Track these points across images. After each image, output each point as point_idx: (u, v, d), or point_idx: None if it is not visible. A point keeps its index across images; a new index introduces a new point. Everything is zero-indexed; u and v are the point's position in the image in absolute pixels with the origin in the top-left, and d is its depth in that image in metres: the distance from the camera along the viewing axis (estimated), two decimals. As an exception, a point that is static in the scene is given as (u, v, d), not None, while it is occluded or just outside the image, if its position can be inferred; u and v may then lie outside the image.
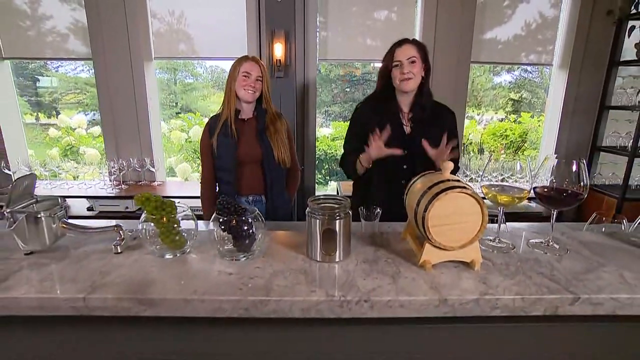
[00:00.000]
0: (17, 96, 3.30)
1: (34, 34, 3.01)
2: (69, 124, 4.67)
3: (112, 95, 3.07)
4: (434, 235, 0.87)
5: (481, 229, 0.88)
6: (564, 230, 1.17)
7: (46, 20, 2.99)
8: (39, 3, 2.97)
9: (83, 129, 4.67)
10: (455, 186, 0.85)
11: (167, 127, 4.51)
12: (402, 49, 1.44)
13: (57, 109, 4.89)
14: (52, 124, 4.85)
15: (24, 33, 3.01)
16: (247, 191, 1.73)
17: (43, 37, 3.03)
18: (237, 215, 0.92)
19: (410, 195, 0.99)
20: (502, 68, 4.80)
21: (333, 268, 0.90)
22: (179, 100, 5.23)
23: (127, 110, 3.11)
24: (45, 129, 4.84)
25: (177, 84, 5.20)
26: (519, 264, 0.93)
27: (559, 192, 0.96)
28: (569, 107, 3.16)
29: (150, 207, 0.92)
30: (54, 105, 4.96)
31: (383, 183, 1.53)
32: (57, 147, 4.70)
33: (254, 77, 1.62)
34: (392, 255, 0.97)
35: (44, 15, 2.99)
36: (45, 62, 4.51)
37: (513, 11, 3.05)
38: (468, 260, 0.91)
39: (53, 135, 4.72)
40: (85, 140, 4.63)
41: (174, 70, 5.13)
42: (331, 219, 0.90)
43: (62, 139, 4.71)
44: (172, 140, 4.50)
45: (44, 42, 3.03)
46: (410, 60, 1.43)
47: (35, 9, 2.98)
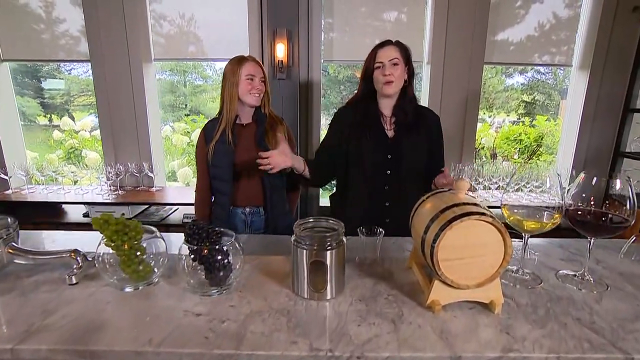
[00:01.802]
0: (17, 98, 3.24)
1: (36, 35, 2.93)
2: (72, 127, 4.62)
3: (111, 97, 2.97)
4: (444, 271, 0.71)
5: (503, 263, 0.72)
6: (599, 257, 0.99)
7: (59, 23, 2.92)
8: (44, 4, 2.89)
9: (87, 132, 4.62)
10: (472, 212, 0.70)
11: (171, 130, 4.43)
12: (384, 50, 1.36)
13: (69, 111, 4.86)
14: (55, 125, 4.82)
15: (25, 35, 2.93)
16: (244, 202, 1.60)
17: (45, 39, 2.95)
18: (210, 242, 0.78)
19: (417, 218, 0.84)
20: (514, 69, 4.62)
21: (322, 308, 0.75)
22: (189, 102, 5.19)
23: (126, 113, 3.01)
24: (50, 131, 4.81)
25: (186, 86, 5.16)
26: (549, 306, 0.76)
27: (597, 217, 0.79)
28: (590, 110, 2.95)
29: (109, 231, 0.78)
30: (66, 107, 4.94)
31: (364, 189, 1.44)
32: (61, 150, 4.66)
33: (258, 80, 1.51)
34: (395, 291, 0.81)
35: (50, 17, 2.91)
36: (58, 64, 4.46)
37: (527, 11, 2.88)
38: (486, 301, 0.75)
39: (57, 137, 4.67)
40: (88, 143, 4.58)
41: (184, 72, 5.10)
42: (321, 249, 0.75)
43: (66, 141, 4.66)
44: (175, 144, 4.42)
45: (46, 44, 2.96)
46: (392, 62, 1.34)
47: (39, 10, 2.91)
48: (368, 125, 1.42)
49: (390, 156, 1.40)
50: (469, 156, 2.99)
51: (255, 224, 1.63)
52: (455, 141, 2.92)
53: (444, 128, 1.52)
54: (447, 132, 1.46)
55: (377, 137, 1.40)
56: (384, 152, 1.39)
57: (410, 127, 1.41)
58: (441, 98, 2.88)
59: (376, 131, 1.41)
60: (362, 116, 1.44)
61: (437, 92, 2.88)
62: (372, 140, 1.40)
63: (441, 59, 2.82)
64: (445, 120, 2.92)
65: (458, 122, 2.91)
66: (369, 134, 1.41)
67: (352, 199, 1.49)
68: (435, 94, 2.88)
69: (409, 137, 1.40)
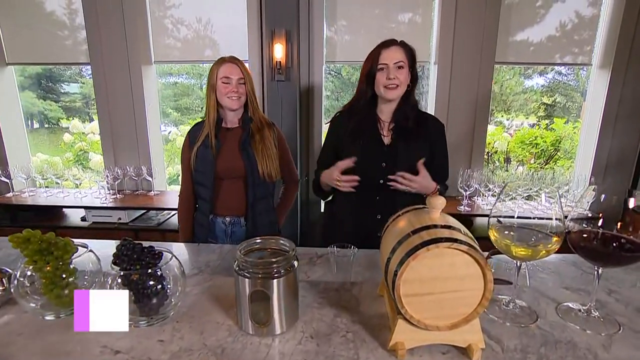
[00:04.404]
0: (40, 102, 3.26)
1: (41, 38, 2.94)
2: (81, 130, 4.67)
3: (110, 100, 2.95)
4: (408, 309, 0.58)
5: (482, 302, 0.58)
6: (612, 286, 0.84)
7: (63, 27, 2.91)
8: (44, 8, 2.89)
9: (96, 135, 4.66)
10: (442, 238, 0.56)
11: (177, 133, 4.40)
12: (388, 51, 1.24)
13: (89, 114, 4.94)
14: (67, 127, 4.88)
15: (30, 38, 2.94)
16: (224, 212, 1.52)
17: (52, 43, 2.94)
18: (141, 266, 0.67)
19: (385, 238, 0.71)
20: (534, 70, 4.43)
21: (264, 347, 0.63)
22: (204, 105, 5.24)
23: (125, 116, 2.98)
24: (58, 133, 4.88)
25: (202, 89, 5.20)
26: (543, 352, 0.62)
27: (606, 243, 0.65)
28: (611, 112, 2.73)
29: (30, 250, 0.69)
30: (87, 110, 5.02)
31: (355, 199, 1.32)
32: (70, 153, 4.71)
33: (235, 81, 1.42)
34: (356, 327, 0.69)
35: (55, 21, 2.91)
36: (80, 69, 4.51)
37: (547, 10, 2.71)
38: (463, 345, 0.61)
39: (67, 140, 4.73)
40: (95, 146, 4.61)
41: (200, 76, 5.15)
42: (266, 278, 0.63)
43: (75, 144, 4.71)
44: (179, 147, 4.40)
45: (52, 46, 2.96)
46: (397, 64, 1.22)
47: (46, 14, 2.91)
48: (362, 130, 1.32)
49: (385, 164, 1.28)
50: (478, 161, 2.81)
51: (237, 235, 1.53)
52: (464, 145, 2.75)
53: (452, 131, 1.40)
54: (456, 135, 1.35)
55: (371, 143, 1.30)
56: (377, 159, 1.29)
57: (410, 133, 1.30)
58: (449, 100, 2.72)
59: (371, 137, 1.31)
60: (357, 121, 1.34)
61: (444, 94, 2.72)
62: (366, 146, 1.30)
63: (449, 59, 2.67)
64: (453, 123, 2.77)
65: (467, 125, 2.74)
66: (363, 139, 1.30)
67: (343, 209, 1.39)
68: (442, 96, 2.72)
69: (406, 144, 1.29)
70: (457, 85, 2.70)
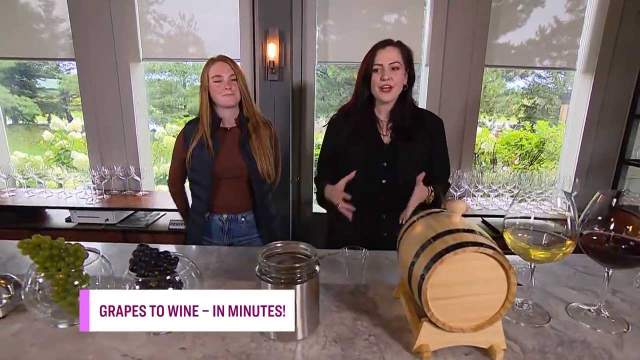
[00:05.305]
0: (14, 97, 3.12)
1: (14, 31, 2.82)
2: (62, 127, 4.50)
3: (96, 97, 2.86)
4: (435, 313, 0.59)
5: (505, 304, 0.60)
6: (616, 285, 0.87)
7: (49, 22, 2.81)
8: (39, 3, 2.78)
9: (78, 133, 4.50)
10: (468, 242, 0.58)
11: (164, 132, 4.31)
12: (384, 52, 1.24)
13: (67, 111, 4.77)
14: (44, 124, 4.70)
15: (2, 31, 2.82)
16: (222, 209, 1.53)
17: (33, 37, 2.84)
18: (160, 272, 0.66)
19: (404, 243, 0.72)
20: (515, 73, 4.55)
21: (289, 353, 0.63)
22: (188, 103, 5.13)
23: (112, 114, 2.90)
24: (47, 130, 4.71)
25: (186, 87, 5.10)
26: (561, 352, 0.64)
27: (617, 245, 0.67)
28: (594, 115, 2.84)
29: (40, 257, 0.66)
30: (64, 107, 4.85)
31: (358, 200, 1.31)
32: (50, 151, 4.54)
33: (227, 78, 1.41)
34: (378, 330, 0.69)
35: (40, 16, 2.80)
36: (57, 64, 4.34)
37: (528, 15, 2.78)
38: (485, 346, 0.63)
39: (47, 138, 4.55)
40: (78, 145, 4.46)
41: (184, 73, 5.05)
42: (289, 283, 0.63)
43: (56, 142, 4.55)
44: (166, 146, 4.30)
45: (27, 40, 2.84)
46: (393, 65, 1.23)
47: (28, 8, 2.79)
48: (362, 131, 1.32)
49: (386, 163, 1.30)
50: (467, 162, 2.88)
51: (234, 232, 1.52)
52: (455, 146, 2.80)
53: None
54: (446, 136, 1.36)
55: (371, 143, 1.31)
56: (378, 159, 1.30)
57: (408, 132, 1.31)
58: (440, 101, 2.77)
59: (371, 137, 1.32)
60: (356, 122, 1.34)
61: (435, 95, 2.76)
62: (366, 147, 1.31)
63: (440, 61, 2.71)
64: (444, 124, 2.82)
65: (457, 126, 2.80)
66: (363, 140, 1.31)
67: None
68: (433, 97, 2.76)
69: (406, 142, 1.30)
70: (448, 87, 2.75)
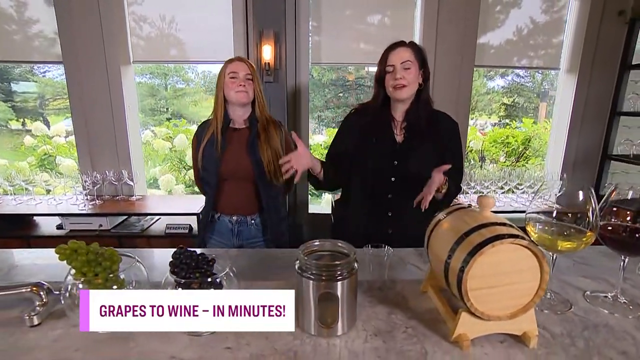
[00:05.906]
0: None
1: (4, 36, 2.73)
2: (45, 132, 4.37)
3: (86, 101, 2.79)
4: (474, 303, 0.62)
5: (539, 292, 0.63)
6: (627, 275, 0.92)
7: (32, 24, 2.73)
8: (16, 4, 2.69)
9: (62, 137, 4.37)
10: (504, 234, 0.61)
11: (152, 135, 4.23)
12: (395, 52, 1.26)
13: (43, 115, 4.63)
14: (27, 130, 4.55)
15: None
16: (230, 211, 1.54)
17: (15, 40, 2.75)
18: (201, 274, 0.66)
19: (435, 240, 0.75)
20: (495, 72, 4.69)
21: (333, 347, 0.65)
22: (170, 106, 5.05)
23: (103, 118, 2.83)
24: (23, 136, 4.55)
25: (168, 90, 5.02)
26: (587, 336, 0.68)
27: (634, 234, 0.72)
28: (578, 113, 2.96)
29: (78, 262, 0.66)
30: (40, 111, 4.70)
31: (365, 197, 1.36)
32: (33, 157, 4.40)
33: (243, 76, 1.43)
34: (413, 322, 0.72)
35: (22, 18, 2.72)
36: (32, 67, 4.22)
37: (508, 15, 2.88)
38: (519, 333, 0.66)
39: (29, 143, 4.40)
40: (63, 150, 4.33)
41: (165, 76, 4.97)
42: (331, 279, 0.65)
43: (39, 147, 4.40)
44: (156, 149, 4.23)
45: (17, 45, 2.76)
46: (405, 65, 1.25)
47: (9, 10, 2.71)
48: (375, 129, 1.35)
49: (397, 162, 1.31)
50: (460, 160, 2.95)
51: (244, 234, 1.53)
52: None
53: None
54: None
55: (383, 141, 1.33)
56: (390, 158, 1.32)
57: (422, 132, 1.33)
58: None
59: (383, 135, 1.33)
60: (370, 120, 1.37)
61: (427, 95, 2.82)
62: (378, 145, 1.33)
63: (432, 62, 2.77)
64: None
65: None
66: (376, 137, 1.33)
67: (353, 207, 1.41)
68: (425, 97, 2.82)
69: (418, 142, 1.32)
70: (439, 86, 2.80)
